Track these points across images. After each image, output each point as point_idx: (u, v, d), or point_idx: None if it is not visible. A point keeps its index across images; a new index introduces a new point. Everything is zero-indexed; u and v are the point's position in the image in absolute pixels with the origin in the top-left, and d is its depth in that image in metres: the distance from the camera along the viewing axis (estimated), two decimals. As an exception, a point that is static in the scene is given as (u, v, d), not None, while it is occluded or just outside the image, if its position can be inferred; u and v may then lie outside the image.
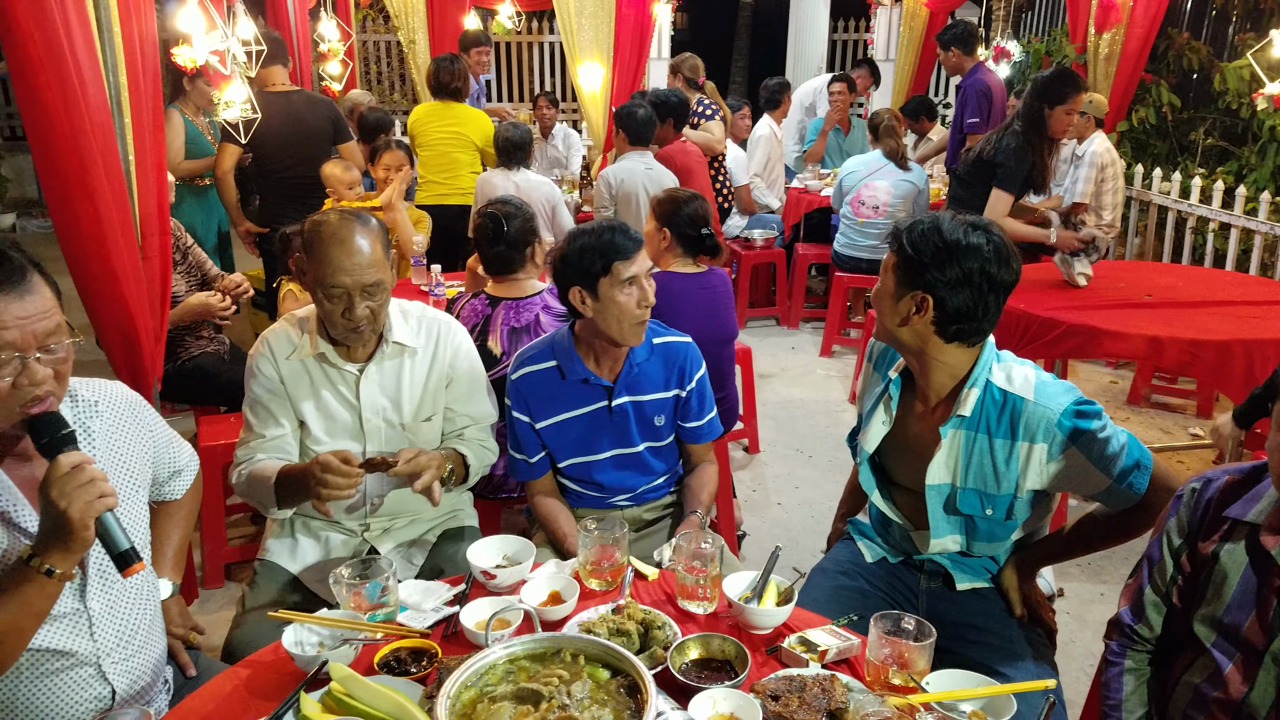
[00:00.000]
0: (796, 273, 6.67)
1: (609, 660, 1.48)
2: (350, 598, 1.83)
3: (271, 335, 2.34)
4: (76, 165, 2.53)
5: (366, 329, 2.24)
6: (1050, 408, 1.92)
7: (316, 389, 2.32)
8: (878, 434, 2.15)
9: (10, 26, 2.35)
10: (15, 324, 1.52)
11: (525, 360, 2.46)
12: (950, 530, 2.08)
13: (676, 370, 2.49)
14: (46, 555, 1.52)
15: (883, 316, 2.05)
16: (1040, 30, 10.40)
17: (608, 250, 2.30)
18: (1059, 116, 4.21)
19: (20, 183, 10.48)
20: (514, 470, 2.52)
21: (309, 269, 2.21)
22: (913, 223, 1.99)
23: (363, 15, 10.27)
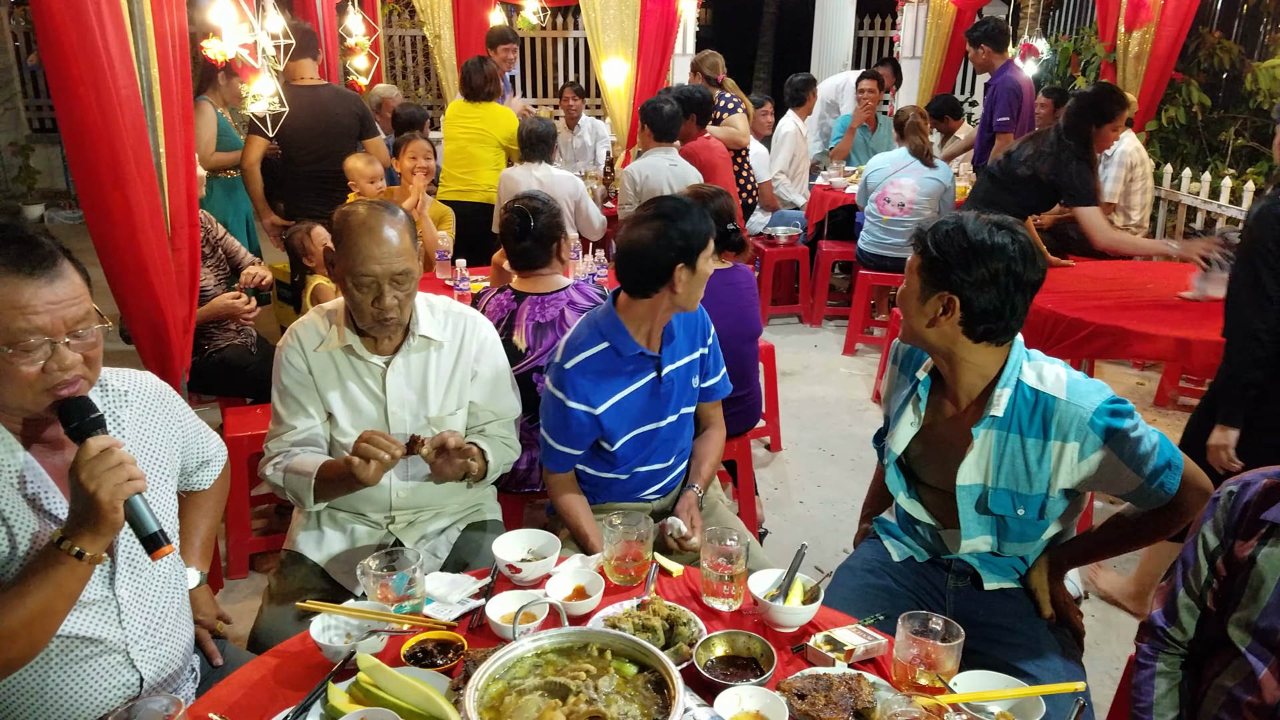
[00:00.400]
0: (820, 270, 6.64)
1: (636, 655, 1.48)
2: (377, 589, 1.84)
3: (300, 328, 2.35)
4: (108, 157, 2.56)
5: (394, 319, 2.25)
6: (1083, 406, 1.91)
7: (343, 381, 2.33)
8: (906, 435, 2.14)
9: (46, 19, 2.38)
10: (45, 309, 1.54)
11: (575, 348, 2.42)
12: (981, 531, 2.07)
13: (698, 330, 2.58)
14: (77, 538, 1.53)
15: (909, 318, 2.04)
16: (1069, 28, 10.31)
17: (706, 224, 2.35)
18: (1106, 134, 4.29)
19: (49, 174, 10.59)
20: (553, 462, 2.49)
21: (338, 259, 2.22)
22: (937, 223, 1.99)
23: (389, 10, 10.31)
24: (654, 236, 2.29)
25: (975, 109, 9.23)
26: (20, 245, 1.54)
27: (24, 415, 1.63)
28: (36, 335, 1.53)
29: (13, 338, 1.52)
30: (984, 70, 6.56)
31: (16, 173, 10.27)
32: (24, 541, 1.61)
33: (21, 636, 1.54)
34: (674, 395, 2.51)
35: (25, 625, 1.53)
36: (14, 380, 1.54)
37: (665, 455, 2.58)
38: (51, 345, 1.55)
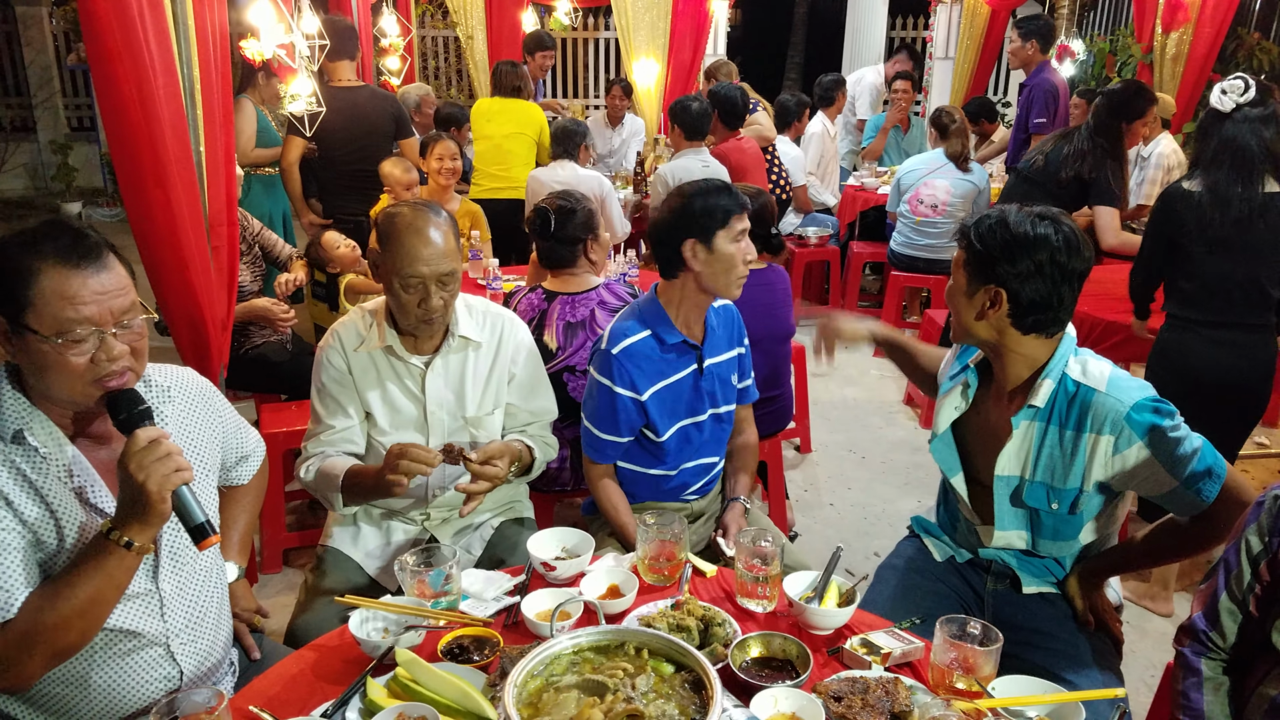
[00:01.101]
0: (851, 271, 6.62)
1: (673, 655, 1.48)
2: (415, 585, 1.86)
3: (341, 328, 2.37)
4: (150, 156, 2.59)
5: (439, 319, 2.27)
6: (1121, 400, 1.90)
7: (383, 381, 2.35)
8: (948, 416, 2.15)
9: (91, 19, 2.41)
10: (93, 299, 1.57)
11: (620, 334, 2.42)
12: (1015, 524, 2.06)
13: (736, 329, 2.59)
14: (125, 529, 1.55)
15: (958, 313, 2.05)
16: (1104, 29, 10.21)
17: (729, 204, 2.34)
18: (1136, 130, 4.31)
19: (87, 172, 10.76)
20: (598, 452, 2.49)
21: (384, 261, 2.24)
22: (980, 218, 2.00)
23: (422, 11, 10.37)
24: (667, 212, 2.38)
25: (1009, 110, 9.15)
26: (68, 237, 1.58)
27: (73, 408, 1.66)
28: (84, 325, 1.56)
29: (62, 327, 1.55)
30: (1022, 66, 6.49)
31: (55, 170, 10.44)
32: (71, 534, 1.63)
33: (74, 625, 1.57)
34: (715, 390, 2.51)
35: (77, 614, 1.56)
36: (64, 371, 1.57)
37: (708, 452, 2.59)
38: (100, 335, 1.58)
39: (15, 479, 1.60)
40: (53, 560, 1.62)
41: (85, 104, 11.10)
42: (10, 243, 1.57)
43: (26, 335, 1.56)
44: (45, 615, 1.54)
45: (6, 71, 11.03)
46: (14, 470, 1.60)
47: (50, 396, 1.63)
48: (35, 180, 10.91)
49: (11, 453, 1.60)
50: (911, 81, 7.43)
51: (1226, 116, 3.08)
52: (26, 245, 1.56)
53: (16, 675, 1.58)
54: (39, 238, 1.57)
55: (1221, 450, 1.93)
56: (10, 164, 10.32)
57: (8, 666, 1.56)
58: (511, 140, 5.72)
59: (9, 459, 1.60)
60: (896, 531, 3.86)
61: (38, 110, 10.75)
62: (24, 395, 1.63)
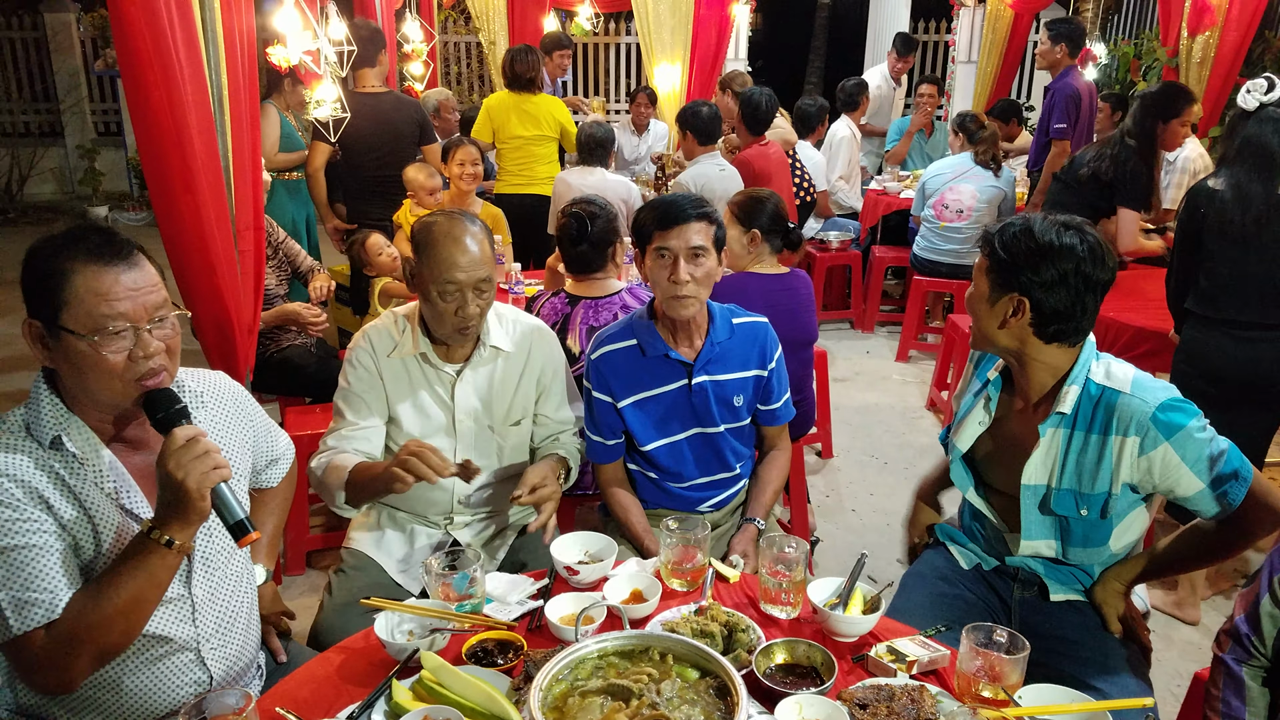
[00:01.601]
0: (873, 275, 6.59)
1: (698, 661, 1.48)
2: (439, 588, 1.87)
3: (373, 331, 2.38)
4: (178, 161, 2.62)
5: (475, 327, 2.29)
6: (1145, 400, 1.89)
7: (414, 388, 2.36)
8: (973, 433, 2.14)
9: (123, 26, 2.44)
10: (126, 295, 1.59)
11: (605, 339, 2.47)
12: (1044, 533, 2.05)
13: (757, 349, 2.49)
14: (166, 527, 1.57)
15: (979, 320, 2.04)
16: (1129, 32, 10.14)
17: (658, 216, 2.33)
18: (1174, 129, 4.27)
19: (113, 176, 10.86)
20: (590, 452, 2.52)
21: (420, 269, 2.25)
22: (1004, 225, 1.99)
23: (444, 16, 10.41)
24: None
25: (1032, 114, 9.10)
26: (97, 236, 1.61)
27: (112, 410, 1.68)
28: (119, 321, 1.58)
29: (97, 324, 1.57)
30: (1049, 68, 6.44)
31: (83, 175, 10.56)
32: (108, 539, 1.65)
33: (117, 624, 1.59)
34: (711, 408, 2.45)
35: (121, 613, 1.58)
36: (102, 370, 1.59)
37: (712, 470, 2.53)
38: (135, 332, 1.60)
39: (54, 483, 1.61)
40: (90, 565, 1.64)
41: (112, 109, 11.22)
42: (41, 247, 1.60)
43: (64, 337, 1.58)
44: (90, 615, 1.56)
45: (35, 77, 11.15)
46: (52, 475, 1.62)
47: (89, 399, 1.65)
48: (62, 184, 11.03)
49: (50, 458, 1.62)
50: (935, 86, 7.41)
51: (1250, 115, 3.09)
52: (58, 248, 1.59)
53: (62, 677, 1.59)
54: (69, 240, 1.60)
55: (1248, 453, 1.92)
56: (38, 169, 10.44)
57: (54, 667, 1.58)
58: (534, 143, 5.75)
59: (47, 464, 1.61)
60: (919, 538, 3.86)
61: (65, 115, 10.87)
62: (61, 401, 1.65)
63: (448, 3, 9.17)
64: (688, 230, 2.30)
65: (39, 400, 1.64)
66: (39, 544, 1.57)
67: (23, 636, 1.55)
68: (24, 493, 1.57)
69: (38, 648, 1.56)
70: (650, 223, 2.34)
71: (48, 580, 1.56)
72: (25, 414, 1.65)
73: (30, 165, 10.24)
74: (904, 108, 10.65)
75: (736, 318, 2.50)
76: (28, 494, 1.57)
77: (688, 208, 2.32)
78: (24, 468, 1.59)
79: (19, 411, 1.65)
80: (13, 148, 10.14)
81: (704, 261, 2.31)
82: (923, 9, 11.41)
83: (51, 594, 1.56)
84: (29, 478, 1.58)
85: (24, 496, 1.57)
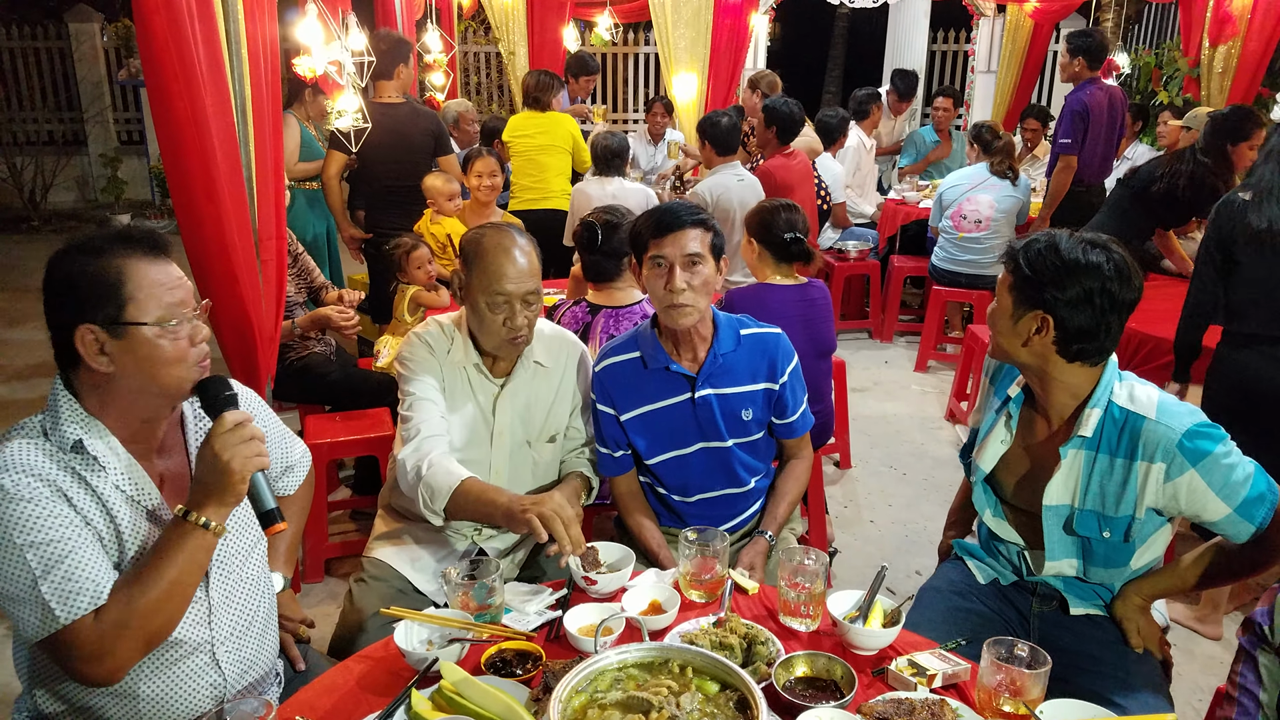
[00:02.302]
0: (891, 285, 6.58)
1: (717, 674, 1.48)
2: (459, 598, 1.87)
3: (428, 335, 2.36)
4: (201, 171, 2.64)
5: (524, 339, 2.29)
6: (1172, 427, 1.87)
7: (462, 398, 2.36)
8: (995, 452, 2.12)
9: (148, 36, 2.47)
10: (176, 284, 1.67)
11: (609, 351, 2.46)
12: (1067, 553, 2.04)
13: (767, 362, 2.43)
14: (202, 509, 1.61)
15: (1000, 336, 2.02)
16: (1150, 42, 10.09)
17: (653, 224, 2.32)
18: (1243, 152, 4.37)
19: (135, 184, 10.97)
20: (600, 465, 2.49)
21: (470, 280, 2.26)
22: (1029, 241, 1.97)
23: (464, 27, 10.48)
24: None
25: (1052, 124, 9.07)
26: (139, 234, 1.68)
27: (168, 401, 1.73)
28: (181, 308, 1.66)
29: (164, 312, 1.64)
30: (1070, 81, 6.40)
31: (105, 183, 10.66)
32: (130, 541, 1.67)
33: (163, 609, 1.61)
34: (716, 422, 2.40)
35: (165, 596, 1.60)
36: (171, 358, 1.66)
37: (719, 484, 2.49)
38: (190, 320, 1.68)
39: (77, 484, 1.63)
40: (115, 566, 1.65)
41: (135, 118, 11.34)
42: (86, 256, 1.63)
43: (132, 333, 1.62)
44: (136, 601, 1.58)
45: (59, 86, 11.29)
46: (74, 476, 1.63)
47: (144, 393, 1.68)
48: (85, 193, 11.15)
49: (70, 461, 1.64)
50: (952, 99, 7.39)
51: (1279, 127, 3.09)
52: (105, 252, 1.63)
53: (111, 664, 1.60)
54: (113, 242, 1.65)
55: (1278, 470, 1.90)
56: (61, 177, 10.55)
57: (105, 654, 1.58)
58: (544, 153, 5.78)
59: (68, 466, 1.63)
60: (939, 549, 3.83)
61: (89, 124, 10.99)
62: (80, 406, 1.67)
63: (468, 13, 9.23)
64: (683, 237, 2.27)
65: (58, 405, 1.66)
66: (73, 536, 1.58)
67: (71, 626, 1.56)
68: (50, 490, 1.59)
69: (87, 635, 1.57)
70: (645, 231, 2.33)
71: (89, 568, 1.58)
72: (43, 419, 1.66)
73: (53, 174, 10.36)
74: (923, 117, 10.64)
75: (745, 329, 2.45)
76: (54, 492, 1.59)
77: (682, 214, 2.31)
78: (46, 468, 1.60)
79: (37, 417, 1.67)
80: (36, 156, 10.26)
81: (700, 269, 2.28)
82: (942, 19, 11.38)
83: (95, 580, 1.58)
84: (54, 478, 1.60)
85: (51, 494, 1.58)
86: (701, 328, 2.36)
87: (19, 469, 1.57)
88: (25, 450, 1.60)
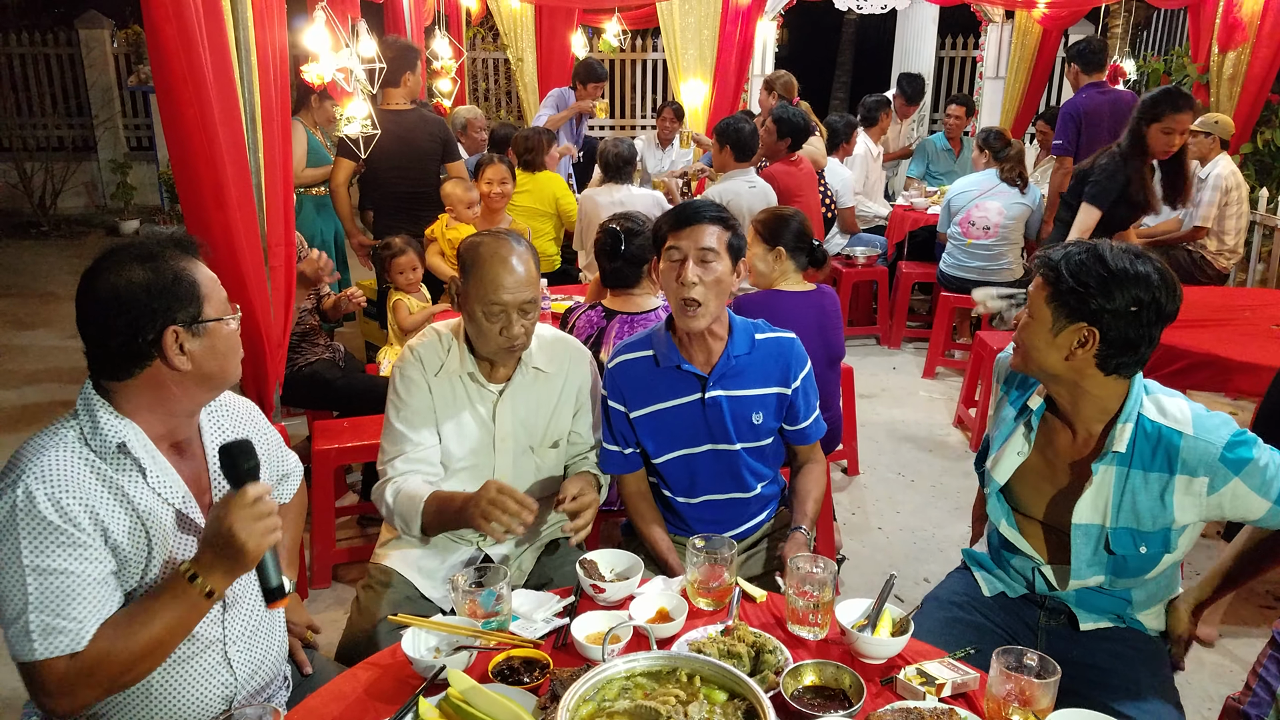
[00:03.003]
0: (899, 291, 6.57)
1: (725, 682, 1.47)
2: (466, 604, 1.87)
3: (421, 349, 2.37)
4: (210, 178, 2.65)
5: (521, 346, 2.29)
6: (1212, 442, 1.86)
7: (459, 407, 2.36)
8: (1011, 464, 2.08)
9: (159, 46, 2.48)
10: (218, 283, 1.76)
11: (623, 349, 2.47)
12: (1095, 571, 2.01)
13: (780, 366, 2.43)
14: (209, 576, 1.60)
15: (1035, 351, 1.95)
16: (1159, 49, 10.07)
17: (674, 216, 2.33)
18: (1155, 135, 4.12)
19: (144, 190, 11.01)
20: (606, 462, 2.48)
21: (466, 289, 2.26)
22: (1066, 252, 1.91)
23: (473, 33, 10.50)
24: None
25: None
26: (188, 239, 1.76)
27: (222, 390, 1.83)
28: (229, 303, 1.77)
29: (223, 306, 1.73)
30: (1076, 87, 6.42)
31: (115, 189, 10.70)
32: (159, 547, 1.68)
33: (139, 664, 1.61)
34: (726, 424, 2.40)
35: (145, 652, 1.60)
36: (236, 347, 1.76)
37: (725, 488, 2.49)
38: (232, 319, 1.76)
39: (111, 493, 1.63)
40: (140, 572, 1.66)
41: (144, 124, 11.38)
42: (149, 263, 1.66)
43: (210, 329, 1.70)
44: (114, 652, 1.58)
45: (70, 92, 11.34)
46: (111, 487, 1.63)
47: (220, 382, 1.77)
48: (94, 198, 11.20)
49: (108, 468, 1.64)
50: (964, 107, 7.39)
51: None
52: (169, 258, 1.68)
53: (68, 704, 1.60)
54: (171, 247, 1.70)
55: None
56: (71, 183, 10.58)
57: (67, 694, 1.59)
58: (531, 216, 5.58)
59: (105, 475, 1.63)
60: (947, 556, 3.82)
61: (98, 130, 11.04)
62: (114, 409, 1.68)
63: (476, 20, 9.25)
64: (700, 231, 2.28)
65: (93, 409, 1.66)
66: (79, 571, 1.58)
67: (45, 662, 1.57)
68: (84, 513, 1.58)
69: (57, 674, 1.57)
70: (665, 224, 2.35)
71: (80, 610, 1.58)
72: (78, 424, 1.66)
73: (63, 179, 10.39)
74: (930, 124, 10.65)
75: (761, 333, 2.45)
76: (87, 514, 1.59)
77: (703, 209, 2.32)
78: (87, 484, 1.60)
79: (70, 422, 1.67)
80: (46, 162, 10.30)
81: (714, 266, 2.27)
82: (950, 25, 11.39)
83: (80, 624, 1.57)
84: (90, 495, 1.60)
85: (82, 518, 1.58)
86: (716, 328, 2.37)
87: (56, 484, 1.58)
88: (65, 462, 1.60)
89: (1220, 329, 3.76)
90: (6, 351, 6.38)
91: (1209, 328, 3.78)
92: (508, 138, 6.11)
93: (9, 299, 7.67)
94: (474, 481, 2.26)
